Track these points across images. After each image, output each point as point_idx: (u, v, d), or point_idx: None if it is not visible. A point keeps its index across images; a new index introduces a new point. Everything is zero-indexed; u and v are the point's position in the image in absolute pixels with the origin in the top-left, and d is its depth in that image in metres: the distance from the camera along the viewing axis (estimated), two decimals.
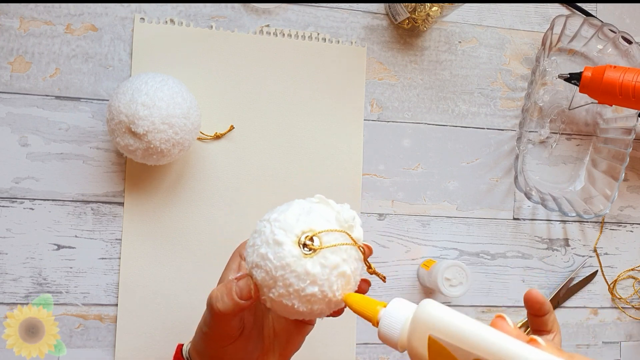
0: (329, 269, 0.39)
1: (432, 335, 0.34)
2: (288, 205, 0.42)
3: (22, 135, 0.60)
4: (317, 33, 0.67)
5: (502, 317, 0.34)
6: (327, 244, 0.40)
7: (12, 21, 0.60)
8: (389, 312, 0.37)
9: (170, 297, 0.62)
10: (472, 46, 0.71)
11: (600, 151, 0.73)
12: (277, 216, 0.41)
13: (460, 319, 0.34)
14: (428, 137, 0.70)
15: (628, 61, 0.70)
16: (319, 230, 0.40)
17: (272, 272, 0.39)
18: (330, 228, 0.40)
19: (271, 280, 0.39)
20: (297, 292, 0.39)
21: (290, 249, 0.39)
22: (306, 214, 0.41)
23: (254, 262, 0.40)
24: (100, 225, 0.62)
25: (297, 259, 0.39)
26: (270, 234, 0.40)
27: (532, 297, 0.46)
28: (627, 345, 0.75)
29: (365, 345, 0.67)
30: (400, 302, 0.37)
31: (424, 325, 0.35)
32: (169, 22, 0.64)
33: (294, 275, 0.39)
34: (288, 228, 0.40)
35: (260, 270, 0.40)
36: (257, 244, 0.40)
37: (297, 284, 0.39)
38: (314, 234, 0.40)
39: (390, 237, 0.69)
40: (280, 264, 0.39)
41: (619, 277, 0.75)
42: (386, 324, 0.37)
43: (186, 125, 0.56)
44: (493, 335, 0.32)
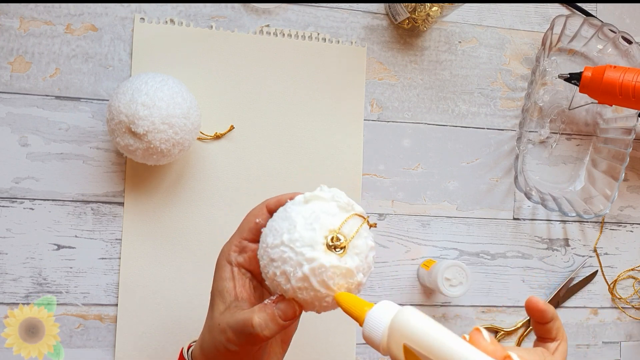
0: (363, 254, 0.42)
1: (407, 344, 0.34)
2: (287, 220, 0.42)
3: (22, 135, 0.60)
4: (317, 33, 0.67)
5: (478, 331, 0.34)
6: (349, 235, 0.41)
7: (12, 21, 0.60)
8: (373, 315, 0.37)
9: (170, 297, 0.62)
10: (472, 46, 0.71)
11: (600, 151, 0.73)
12: (290, 236, 0.41)
13: (436, 330, 0.33)
14: (428, 137, 0.70)
15: (628, 61, 0.70)
16: (337, 228, 0.41)
17: (322, 286, 0.40)
18: (342, 220, 0.41)
19: (324, 292, 0.40)
20: (349, 287, 0.41)
21: (327, 259, 0.40)
22: (315, 219, 0.41)
23: (295, 287, 0.41)
24: (100, 225, 0.62)
25: (337, 264, 0.40)
26: (299, 256, 0.40)
27: (533, 304, 0.44)
28: (627, 345, 0.75)
29: (365, 345, 0.67)
30: (386, 305, 0.37)
31: (399, 333, 0.35)
32: (169, 22, 0.64)
33: (342, 277, 0.40)
34: (311, 242, 0.40)
35: (307, 291, 0.41)
36: (289, 270, 0.40)
37: (348, 282, 0.41)
38: (336, 233, 0.41)
39: (390, 237, 0.69)
40: (327, 275, 0.40)
41: (619, 277, 0.75)
42: (370, 326, 0.37)
43: (186, 125, 0.56)
44: (466, 351, 0.32)
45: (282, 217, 0.42)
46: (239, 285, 0.46)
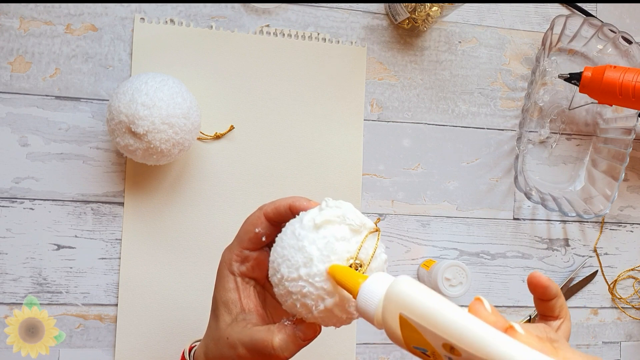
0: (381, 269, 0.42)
1: (403, 314, 0.32)
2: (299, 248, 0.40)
3: (22, 135, 0.60)
4: (317, 33, 0.67)
5: (479, 300, 0.32)
6: (366, 259, 0.41)
7: (12, 21, 0.60)
8: (367, 286, 0.35)
9: (170, 297, 0.62)
10: (472, 46, 0.71)
11: (600, 151, 0.73)
12: (308, 270, 0.39)
13: (433, 300, 0.31)
14: (428, 137, 0.70)
15: (628, 61, 0.70)
16: (355, 255, 0.40)
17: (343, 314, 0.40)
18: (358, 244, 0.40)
19: (345, 317, 0.41)
20: None
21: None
22: (331, 251, 0.40)
23: (317, 317, 0.40)
24: (100, 225, 0.62)
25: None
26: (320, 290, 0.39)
27: (536, 280, 0.42)
28: (627, 345, 0.75)
29: (365, 345, 0.67)
30: (381, 277, 0.35)
31: (395, 303, 0.33)
32: (169, 22, 0.64)
33: None
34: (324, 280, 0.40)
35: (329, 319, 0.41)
36: (310, 303, 0.39)
37: None
38: (354, 260, 0.40)
39: (390, 237, 0.69)
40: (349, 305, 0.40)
41: (619, 277, 0.75)
42: (364, 298, 0.35)
43: (186, 125, 0.56)
44: (465, 321, 0.29)
45: (294, 245, 0.40)
46: (245, 296, 0.45)
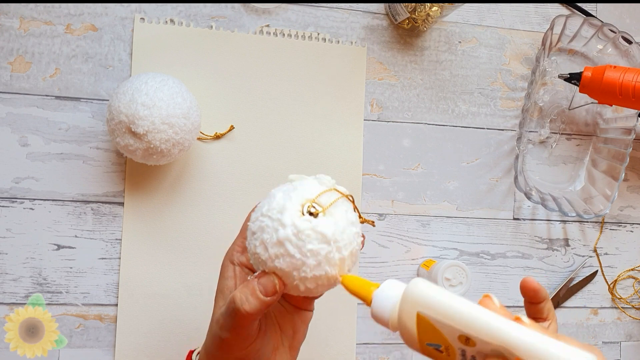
0: (341, 225, 0.41)
1: (420, 312, 0.34)
2: (270, 196, 0.43)
3: (22, 135, 0.60)
4: (317, 33, 0.67)
5: (488, 297, 0.35)
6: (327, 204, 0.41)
7: (12, 21, 0.60)
8: (381, 292, 0.38)
9: (170, 297, 0.62)
10: (472, 46, 0.71)
11: (600, 151, 0.73)
12: (269, 207, 0.41)
13: (448, 297, 0.34)
14: (428, 137, 0.70)
15: (628, 61, 0.70)
16: (313, 198, 0.41)
17: (297, 252, 0.40)
18: (320, 191, 0.42)
19: (299, 259, 0.40)
20: (326, 257, 0.40)
21: (301, 222, 0.40)
22: (293, 190, 0.42)
23: (272, 255, 0.40)
24: (100, 225, 0.62)
25: (314, 226, 0.40)
26: (276, 222, 0.40)
27: (528, 284, 0.47)
28: (627, 345, 0.75)
29: (365, 345, 0.67)
30: (393, 282, 0.38)
31: (412, 303, 0.35)
32: (169, 22, 0.64)
33: (318, 241, 0.40)
34: (287, 208, 0.41)
35: (283, 258, 0.40)
36: (266, 238, 0.41)
37: (324, 248, 0.40)
38: (312, 202, 0.41)
39: (390, 237, 0.69)
40: (302, 239, 0.40)
41: (619, 277, 0.75)
42: (378, 303, 0.37)
43: (186, 125, 0.56)
44: (479, 313, 0.33)
45: (268, 195, 0.43)
46: (240, 283, 0.46)
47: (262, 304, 0.41)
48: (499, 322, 0.32)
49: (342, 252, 0.41)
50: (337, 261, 0.41)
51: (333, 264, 0.41)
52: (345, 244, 0.41)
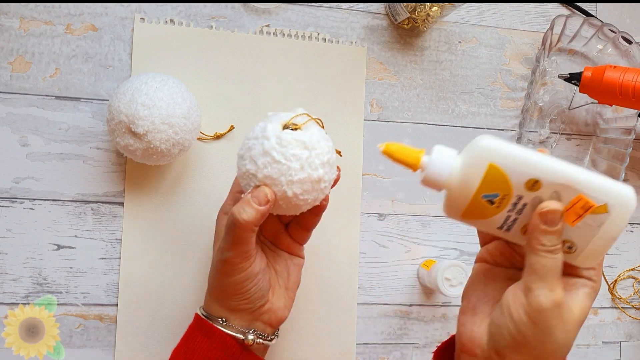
0: (316, 135, 0.48)
1: (494, 162, 0.38)
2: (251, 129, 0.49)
3: (22, 135, 0.60)
4: (317, 33, 0.67)
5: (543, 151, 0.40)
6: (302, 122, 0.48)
7: (12, 21, 0.60)
8: (437, 154, 0.40)
9: (170, 297, 0.62)
10: (472, 46, 0.71)
11: (600, 151, 0.73)
12: (253, 132, 0.48)
13: (519, 147, 0.39)
14: (428, 137, 0.70)
15: (628, 61, 0.70)
16: (289, 119, 0.48)
17: (282, 157, 0.46)
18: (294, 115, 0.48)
19: (284, 164, 0.46)
20: (307, 160, 0.46)
21: (284, 134, 0.47)
22: (273, 116, 0.48)
23: (261, 165, 0.46)
24: (100, 225, 0.62)
25: (294, 135, 0.46)
26: (261, 139, 0.47)
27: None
28: (627, 345, 0.75)
29: (365, 345, 0.67)
30: (441, 146, 0.40)
31: (486, 154, 0.39)
32: (169, 22, 0.64)
33: (299, 147, 0.46)
34: (270, 128, 0.47)
35: (270, 165, 0.46)
36: (253, 153, 0.47)
37: (304, 153, 0.46)
38: (289, 121, 0.48)
39: (390, 237, 0.69)
40: (284, 145, 0.46)
41: (619, 277, 0.75)
42: (434, 165, 0.40)
43: (186, 125, 0.56)
44: (548, 158, 0.38)
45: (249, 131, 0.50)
46: None
47: (258, 212, 0.46)
48: (565, 164, 0.38)
49: (320, 157, 0.47)
50: (318, 165, 0.47)
51: (314, 167, 0.47)
52: (323, 151, 0.47)
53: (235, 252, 0.48)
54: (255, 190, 0.47)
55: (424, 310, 0.69)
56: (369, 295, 0.68)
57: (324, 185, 0.48)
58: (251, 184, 0.47)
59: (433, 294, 0.69)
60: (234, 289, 0.49)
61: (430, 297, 0.69)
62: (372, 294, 0.68)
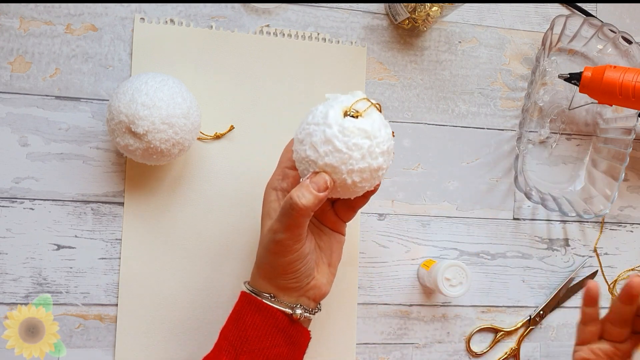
0: (377, 122, 0.48)
1: None
2: (311, 112, 0.49)
3: (22, 135, 0.60)
4: (317, 33, 0.67)
5: None
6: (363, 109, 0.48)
7: (12, 21, 0.60)
8: None
9: (170, 297, 0.62)
10: (472, 46, 0.71)
11: (600, 151, 0.73)
12: (313, 117, 0.48)
13: None
14: (428, 137, 0.70)
15: (628, 61, 0.70)
16: (350, 105, 0.48)
17: (344, 146, 0.46)
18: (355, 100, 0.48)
19: (346, 153, 0.46)
20: (369, 150, 0.46)
21: (345, 121, 0.46)
22: (334, 100, 0.48)
23: (322, 153, 0.46)
24: (100, 225, 0.62)
25: (356, 124, 0.46)
26: (322, 125, 0.47)
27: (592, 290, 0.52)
28: None
29: (365, 345, 0.67)
30: None
31: None
32: (169, 22, 0.64)
33: (361, 136, 0.46)
34: (332, 114, 0.47)
35: (332, 153, 0.46)
36: (315, 141, 0.47)
37: (366, 142, 0.46)
38: (350, 107, 0.47)
39: (390, 237, 0.69)
40: (347, 134, 0.46)
41: (619, 277, 0.75)
42: None
43: (186, 125, 0.56)
44: None
45: (307, 112, 0.50)
46: None
47: (316, 198, 0.47)
48: None
49: (381, 146, 0.47)
50: (378, 155, 0.47)
51: (374, 157, 0.47)
52: (383, 140, 0.47)
53: (289, 234, 0.49)
54: (315, 176, 0.47)
55: (424, 310, 0.69)
56: (369, 295, 0.68)
57: (382, 172, 0.49)
58: (310, 170, 0.48)
59: (433, 294, 0.69)
60: (285, 269, 0.51)
61: (430, 297, 0.69)
62: (372, 294, 0.68)
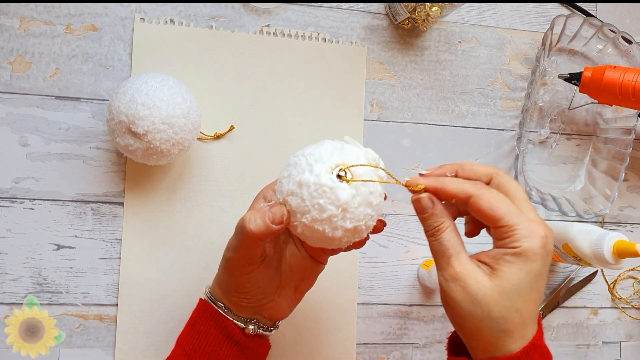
0: (359, 198, 0.43)
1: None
2: (321, 143, 0.45)
3: (22, 135, 0.60)
4: (317, 33, 0.67)
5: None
6: (358, 178, 0.43)
7: (12, 21, 0.60)
8: None
9: (170, 297, 0.62)
10: (472, 46, 0.71)
11: (600, 151, 0.73)
12: (312, 151, 0.44)
13: None
14: (428, 137, 0.70)
15: (628, 61, 0.70)
16: (351, 164, 0.44)
17: (308, 199, 0.42)
18: (363, 169, 0.44)
19: (306, 206, 0.43)
20: (329, 218, 0.42)
21: (326, 178, 0.42)
22: (339, 150, 0.44)
23: (289, 190, 0.43)
24: (100, 225, 0.62)
25: (333, 187, 0.42)
26: (307, 165, 0.43)
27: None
28: (627, 345, 0.75)
29: (365, 345, 0.67)
30: None
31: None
32: (169, 22, 0.64)
33: (329, 202, 0.42)
34: (324, 160, 0.43)
35: (295, 197, 0.43)
36: (293, 174, 0.43)
37: (330, 210, 0.42)
38: (347, 167, 0.43)
39: (390, 237, 0.69)
40: (317, 191, 0.42)
41: (619, 277, 0.75)
42: None
43: (186, 125, 0.56)
44: None
45: (320, 142, 0.46)
46: None
47: (267, 228, 0.44)
48: None
49: (346, 222, 0.43)
50: (338, 227, 0.43)
51: (333, 227, 0.43)
52: (353, 217, 0.43)
53: (237, 255, 0.47)
54: (275, 207, 0.44)
55: (424, 310, 0.69)
56: (369, 295, 0.68)
57: (337, 244, 0.45)
58: (278, 196, 0.45)
59: (433, 294, 0.69)
60: (236, 288, 0.49)
61: (430, 297, 0.69)
62: (372, 294, 0.68)
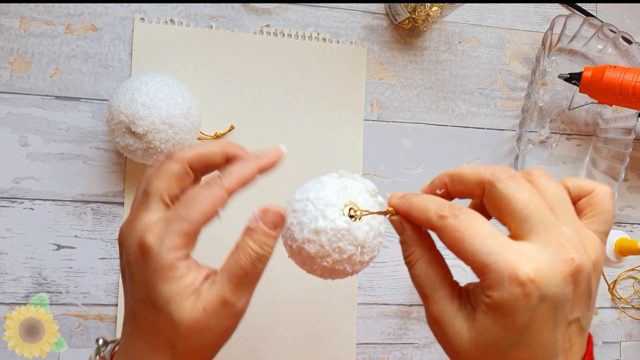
0: (373, 232, 0.45)
1: None
2: (318, 182, 0.47)
3: (22, 135, 0.60)
4: (317, 33, 0.67)
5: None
6: (365, 211, 0.46)
7: (12, 21, 0.60)
8: None
9: None
10: (472, 46, 0.71)
11: (600, 151, 0.73)
12: (316, 194, 0.45)
13: None
14: (428, 137, 0.70)
15: (628, 61, 0.70)
16: (356, 202, 0.46)
17: (327, 244, 0.44)
18: (365, 200, 0.46)
19: (326, 252, 0.44)
20: (349, 258, 0.44)
21: (342, 221, 0.44)
22: (343, 190, 0.46)
23: (304, 239, 0.44)
24: (100, 225, 0.62)
25: (350, 229, 0.44)
26: (318, 212, 0.44)
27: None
28: (627, 345, 0.75)
29: (365, 345, 0.67)
30: None
31: None
32: (169, 22, 0.64)
33: (348, 242, 0.44)
34: (333, 203, 0.45)
35: (313, 244, 0.44)
36: (305, 221, 0.45)
37: (350, 250, 0.44)
38: (354, 205, 0.45)
39: (391, 237, 0.68)
40: (336, 235, 0.44)
41: (619, 277, 0.75)
42: None
43: (186, 125, 0.56)
44: None
45: (315, 181, 0.47)
46: None
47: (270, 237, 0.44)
48: None
49: (364, 257, 0.45)
50: (357, 263, 0.45)
51: (353, 264, 0.45)
52: (369, 250, 0.46)
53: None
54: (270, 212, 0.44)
55: (424, 310, 0.69)
56: (369, 295, 0.68)
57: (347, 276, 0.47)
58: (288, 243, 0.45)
59: None
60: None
61: None
62: (372, 294, 0.68)
